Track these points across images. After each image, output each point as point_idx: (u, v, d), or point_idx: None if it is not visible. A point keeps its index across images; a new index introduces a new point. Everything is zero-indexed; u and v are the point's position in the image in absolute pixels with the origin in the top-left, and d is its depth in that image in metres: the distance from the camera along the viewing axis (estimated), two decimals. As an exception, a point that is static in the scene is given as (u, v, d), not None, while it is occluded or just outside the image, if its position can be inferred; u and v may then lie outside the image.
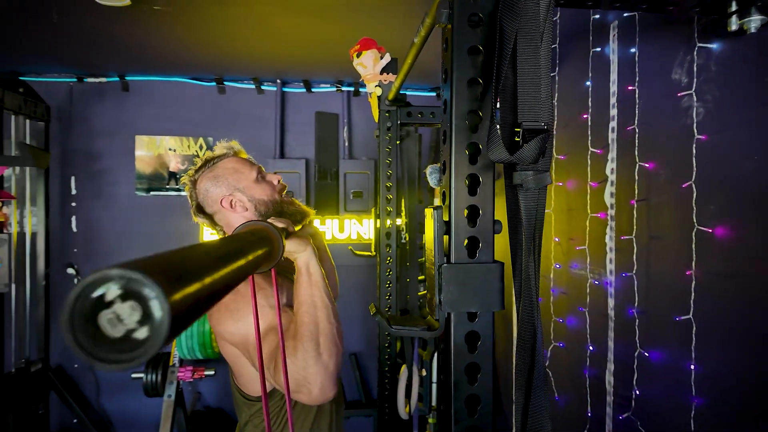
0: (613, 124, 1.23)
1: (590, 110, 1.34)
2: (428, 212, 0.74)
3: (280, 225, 0.87)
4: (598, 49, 1.31)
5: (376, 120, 1.90)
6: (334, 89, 3.09)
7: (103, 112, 2.96)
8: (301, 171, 3.01)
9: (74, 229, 2.95)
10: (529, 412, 0.73)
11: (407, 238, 2.08)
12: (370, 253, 1.82)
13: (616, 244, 1.21)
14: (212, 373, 2.64)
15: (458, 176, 0.71)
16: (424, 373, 1.76)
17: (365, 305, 2.95)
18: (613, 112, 1.23)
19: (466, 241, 0.71)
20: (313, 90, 3.08)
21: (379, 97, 1.79)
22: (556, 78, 1.53)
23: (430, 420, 1.77)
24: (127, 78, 2.94)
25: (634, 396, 1.11)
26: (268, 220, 0.85)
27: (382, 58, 1.80)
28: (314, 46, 2.41)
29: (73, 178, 2.95)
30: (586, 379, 1.34)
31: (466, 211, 0.72)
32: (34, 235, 2.74)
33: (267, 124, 3.07)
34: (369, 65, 1.79)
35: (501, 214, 0.74)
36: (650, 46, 1.08)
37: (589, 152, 1.34)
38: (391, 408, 1.95)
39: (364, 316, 3.06)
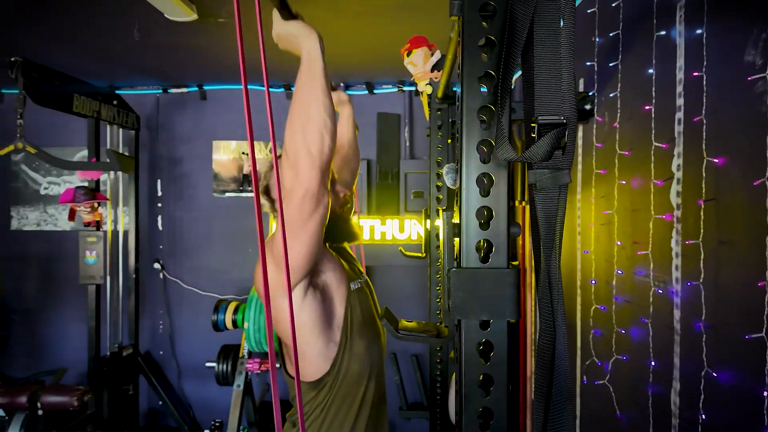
0: (680, 114, 1.10)
1: (654, 100, 1.21)
2: (439, 214, 0.71)
3: None
4: (663, 32, 1.18)
5: (428, 119, 1.87)
6: (396, 89, 3.10)
7: (184, 120, 3.22)
8: (363, 172, 3.05)
9: (160, 227, 3.24)
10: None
11: (463, 240, 2.03)
12: (420, 255, 1.80)
13: (682, 249, 1.09)
14: (278, 366, 2.77)
15: (469, 176, 0.68)
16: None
17: (423, 307, 2.92)
18: (680, 101, 1.10)
19: (477, 245, 0.67)
20: (375, 91, 3.11)
21: (429, 96, 1.76)
22: (619, 67, 1.40)
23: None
24: (204, 87, 3.17)
25: (700, 420, 0.98)
26: None
27: (432, 55, 1.77)
28: (375, 47, 2.43)
29: (159, 181, 3.24)
30: (649, 397, 1.22)
31: (479, 213, 0.68)
32: (125, 233, 3.05)
33: (331, 126, 3.15)
34: (419, 63, 1.77)
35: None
36: (719, 25, 0.95)
37: (653, 147, 1.21)
38: (442, 412, 1.92)
39: (422, 318, 3.04)
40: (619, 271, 1.42)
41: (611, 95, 1.46)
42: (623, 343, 1.37)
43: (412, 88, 3.10)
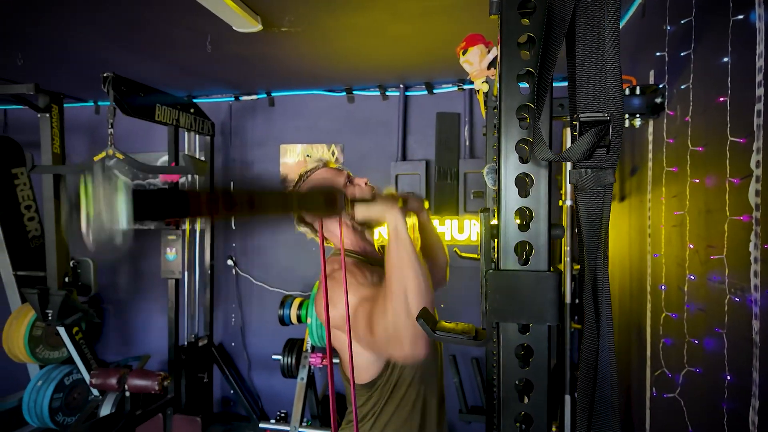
0: (759, 106, 1.00)
1: (729, 91, 1.10)
2: (478, 215, 0.71)
3: (354, 191, 1.05)
4: (740, 16, 1.08)
5: (485, 117, 1.84)
6: (455, 88, 3.07)
7: (254, 125, 3.40)
8: (421, 172, 3.06)
9: (233, 226, 3.45)
10: (590, 441, 0.65)
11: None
12: (476, 256, 1.77)
13: (761, 254, 0.98)
14: (338, 361, 2.85)
15: (508, 176, 0.67)
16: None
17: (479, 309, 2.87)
18: (759, 91, 1.00)
19: (517, 247, 0.66)
20: (434, 91, 3.10)
21: (485, 94, 1.74)
22: (691, 56, 1.29)
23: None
24: (272, 94, 3.33)
25: (782, 443, 0.89)
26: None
27: (489, 52, 1.74)
28: (432, 47, 2.43)
29: (231, 184, 3.45)
30: (724, 414, 1.11)
31: (518, 214, 0.67)
32: (202, 232, 3.28)
33: (391, 128, 3.19)
34: (475, 61, 1.74)
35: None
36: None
37: (729, 142, 1.11)
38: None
39: (476, 320, 2.98)
40: (692, 277, 1.31)
41: (683, 87, 1.36)
42: (696, 355, 1.27)
43: (472, 86, 3.06)
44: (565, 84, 2.94)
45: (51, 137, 2.55)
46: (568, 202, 1.73)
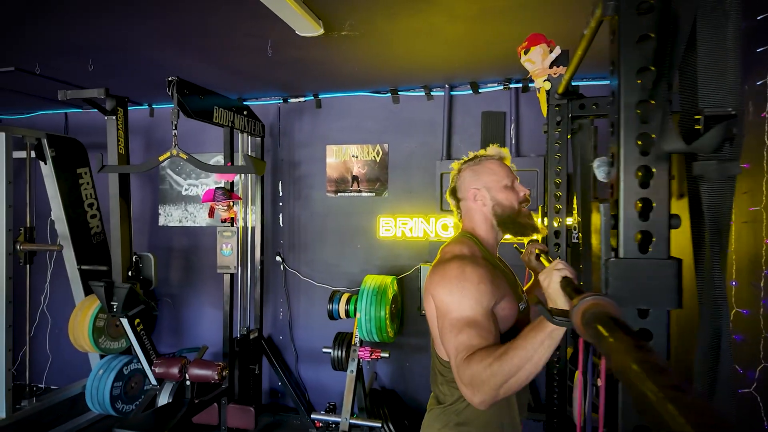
0: None
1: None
2: (594, 205, 0.75)
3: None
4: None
5: (546, 115, 1.87)
6: (501, 87, 3.09)
7: (302, 127, 3.50)
8: (469, 170, 3.09)
9: (281, 224, 3.56)
10: None
11: (580, 238, 1.98)
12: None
13: None
14: (387, 355, 2.91)
15: (627, 168, 0.71)
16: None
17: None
18: None
19: (636, 236, 0.70)
20: (480, 90, 3.13)
21: (547, 92, 1.76)
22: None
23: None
24: (320, 96, 3.42)
25: None
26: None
27: (551, 52, 1.76)
28: (480, 47, 2.47)
29: (280, 183, 3.56)
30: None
31: (638, 204, 0.70)
32: (253, 229, 3.40)
33: (436, 127, 3.23)
34: (537, 60, 1.77)
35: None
36: None
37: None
38: (559, 414, 1.90)
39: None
40: (768, 272, 1.31)
41: (758, 83, 1.36)
42: (773, 350, 1.27)
43: (519, 85, 3.08)
44: (598, 83, 2.91)
45: (117, 138, 2.69)
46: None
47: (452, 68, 2.86)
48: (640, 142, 0.71)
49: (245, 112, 3.10)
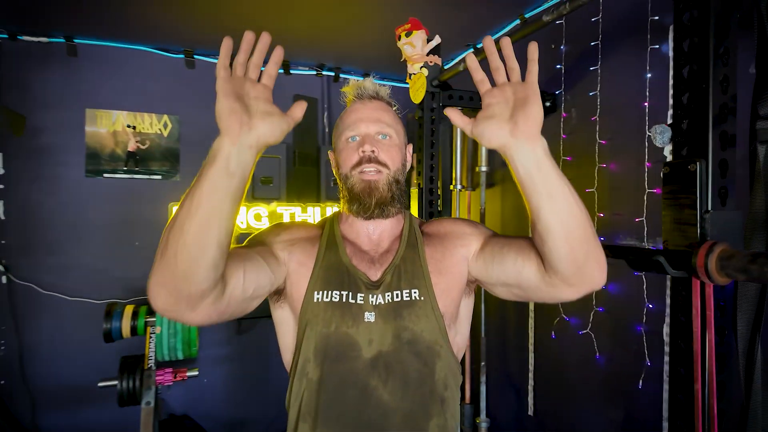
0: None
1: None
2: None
3: None
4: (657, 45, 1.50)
5: (415, 101, 1.91)
6: (314, 73, 2.99)
7: (44, 78, 2.50)
8: (282, 156, 2.86)
9: (2, 216, 2.45)
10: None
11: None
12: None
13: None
14: (196, 373, 2.39)
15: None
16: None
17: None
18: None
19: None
20: (291, 72, 2.94)
21: (427, 78, 1.80)
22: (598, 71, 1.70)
23: None
24: (75, 40, 2.52)
25: None
26: None
27: (430, 40, 1.81)
28: (295, 28, 2.31)
29: (1, 155, 2.45)
30: None
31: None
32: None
33: (242, 104, 2.86)
34: (418, 45, 1.79)
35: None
36: None
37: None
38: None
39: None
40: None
41: (591, 94, 1.75)
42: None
43: (332, 74, 3.04)
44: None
45: None
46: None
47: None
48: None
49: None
